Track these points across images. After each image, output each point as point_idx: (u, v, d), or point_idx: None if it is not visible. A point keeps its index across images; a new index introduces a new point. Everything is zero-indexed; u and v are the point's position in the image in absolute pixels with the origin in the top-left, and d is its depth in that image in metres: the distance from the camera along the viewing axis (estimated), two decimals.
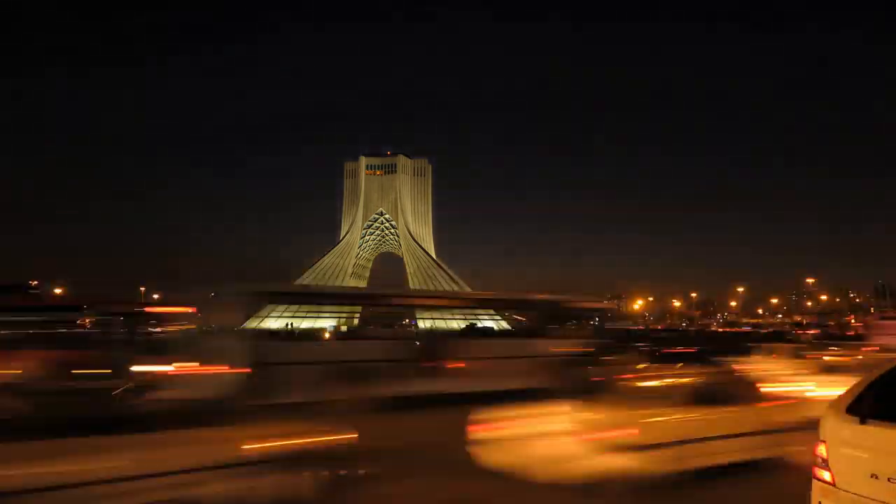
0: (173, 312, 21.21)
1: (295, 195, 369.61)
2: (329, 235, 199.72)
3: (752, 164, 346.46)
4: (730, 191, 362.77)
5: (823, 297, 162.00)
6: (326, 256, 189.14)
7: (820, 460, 5.55)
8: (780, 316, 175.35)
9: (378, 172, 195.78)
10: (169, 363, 15.16)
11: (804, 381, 14.65)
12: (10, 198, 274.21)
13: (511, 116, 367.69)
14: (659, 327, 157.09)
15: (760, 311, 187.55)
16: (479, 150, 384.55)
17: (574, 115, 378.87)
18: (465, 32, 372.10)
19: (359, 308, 30.37)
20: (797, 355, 20.58)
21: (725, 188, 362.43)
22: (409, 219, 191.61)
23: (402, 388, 17.47)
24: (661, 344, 36.29)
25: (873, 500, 5.02)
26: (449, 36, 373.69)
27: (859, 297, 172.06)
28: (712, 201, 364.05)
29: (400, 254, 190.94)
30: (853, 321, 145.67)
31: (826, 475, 5.47)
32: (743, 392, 10.62)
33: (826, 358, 19.61)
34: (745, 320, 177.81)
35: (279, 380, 15.28)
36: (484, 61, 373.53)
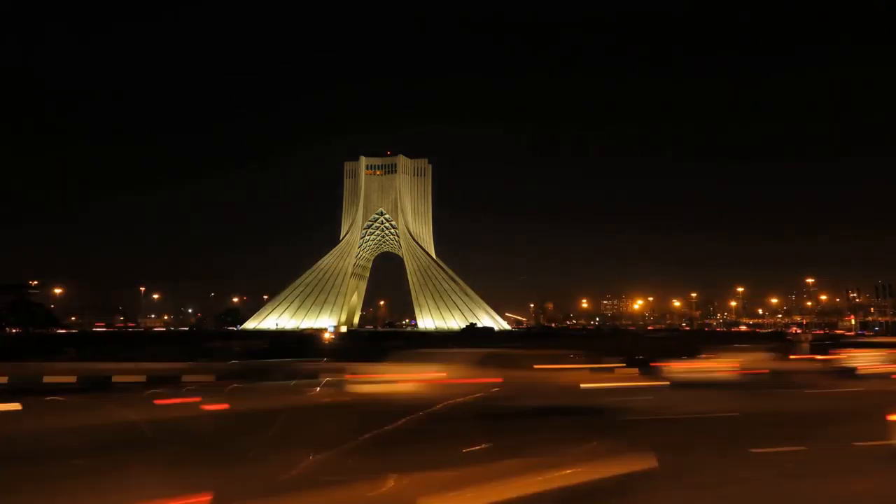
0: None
1: (295, 195, 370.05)
2: (329, 236, 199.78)
3: (750, 166, 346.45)
4: (729, 191, 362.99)
5: (823, 297, 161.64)
6: (326, 256, 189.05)
7: None
8: (779, 316, 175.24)
9: (378, 172, 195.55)
10: None
11: None
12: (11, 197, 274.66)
13: (511, 116, 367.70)
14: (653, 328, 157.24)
15: (760, 311, 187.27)
16: (480, 150, 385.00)
17: (573, 116, 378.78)
18: (466, 36, 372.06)
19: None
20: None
21: (725, 189, 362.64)
22: (409, 219, 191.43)
23: None
24: None
25: None
26: (449, 39, 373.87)
27: (860, 297, 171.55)
28: (712, 201, 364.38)
29: (400, 254, 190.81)
30: (853, 321, 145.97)
31: None
32: None
33: None
34: (744, 320, 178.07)
35: None
36: (484, 62, 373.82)
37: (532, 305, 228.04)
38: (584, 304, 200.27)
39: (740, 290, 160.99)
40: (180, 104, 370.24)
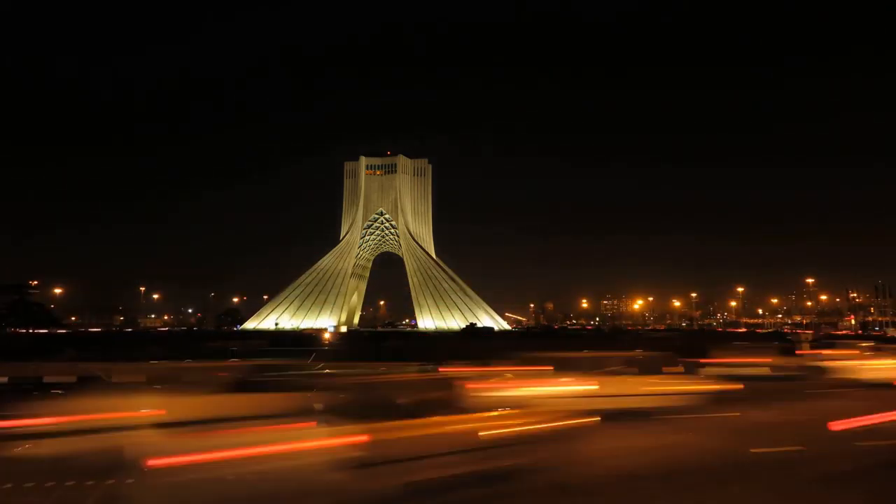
0: None
1: (295, 195, 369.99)
2: (329, 236, 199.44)
3: (750, 168, 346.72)
4: (729, 192, 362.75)
5: (823, 297, 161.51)
6: (326, 256, 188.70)
7: None
8: (779, 316, 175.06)
9: (378, 172, 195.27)
10: None
11: None
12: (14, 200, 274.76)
13: (511, 117, 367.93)
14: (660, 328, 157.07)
15: (760, 311, 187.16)
16: (480, 151, 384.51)
17: (574, 121, 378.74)
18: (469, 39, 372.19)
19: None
20: None
21: (725, 190, 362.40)
22: (409, 219, 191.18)
23: None
24: None
25: None
26: (450, 41, 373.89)
27: (860, 297, 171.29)
28: (712, 202, 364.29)
29: (400, 254, 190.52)
30: (853, 321, 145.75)
31: None
32: None
33: None
34: (745, 320, 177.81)
35: None
36: (485, 65, 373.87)
37: (532, 305, 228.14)
38: (584, 304, 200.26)
39: (740, 290, 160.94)
40: (181, 106, 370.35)
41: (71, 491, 10.19)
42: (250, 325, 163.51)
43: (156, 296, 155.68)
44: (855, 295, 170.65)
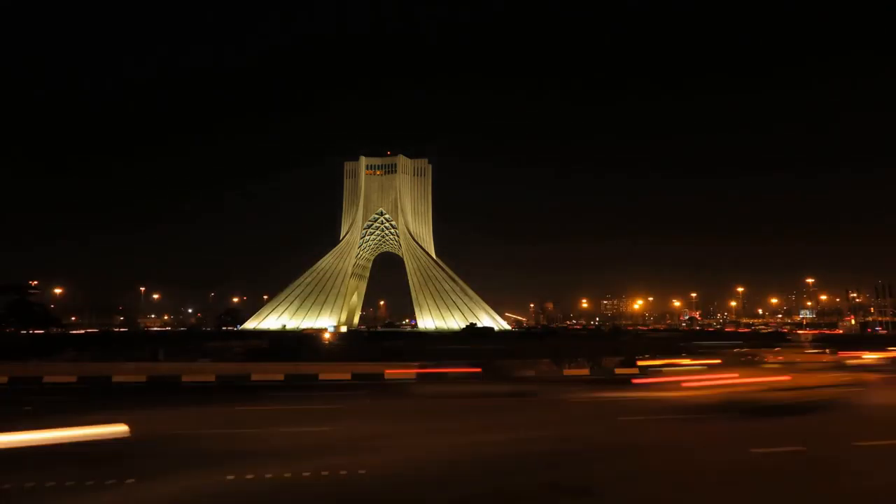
0: None
1: (294, 195, 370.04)
2: (330, 236, 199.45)
3: (751, 167, 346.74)
4: (730, 193, 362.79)
5: (823, 297, 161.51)
6: (326, 256, 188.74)
7: None
8: (779, 316, 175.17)
9: (378, 172, 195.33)
10: None
11: None
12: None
13: (512, 118, 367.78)
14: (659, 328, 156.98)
15: (760, 311, 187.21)
16: (480, 152, 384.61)
17: (573, 119, 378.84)
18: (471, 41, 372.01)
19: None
20: None
21: (726, 192, 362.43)
22: (409, 219, 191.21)
23: None
24: None
25: None
26: (453, 42, 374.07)
27: (860, 297, 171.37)
28: (712, 202, 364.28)
29: (400, 254, 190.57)
30: (853, 321, 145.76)
31: None
32: None
33: None
34: (745, 320, 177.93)
35: None
36: (484, 67, 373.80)
37: (532, 305, 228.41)
38: (584, 304, 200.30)
39: (740, 290, 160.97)
40: (180, 107, 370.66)
41: None
42: (250, 325, 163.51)
43: (156, 296, 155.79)
44: (855, 295, 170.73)
